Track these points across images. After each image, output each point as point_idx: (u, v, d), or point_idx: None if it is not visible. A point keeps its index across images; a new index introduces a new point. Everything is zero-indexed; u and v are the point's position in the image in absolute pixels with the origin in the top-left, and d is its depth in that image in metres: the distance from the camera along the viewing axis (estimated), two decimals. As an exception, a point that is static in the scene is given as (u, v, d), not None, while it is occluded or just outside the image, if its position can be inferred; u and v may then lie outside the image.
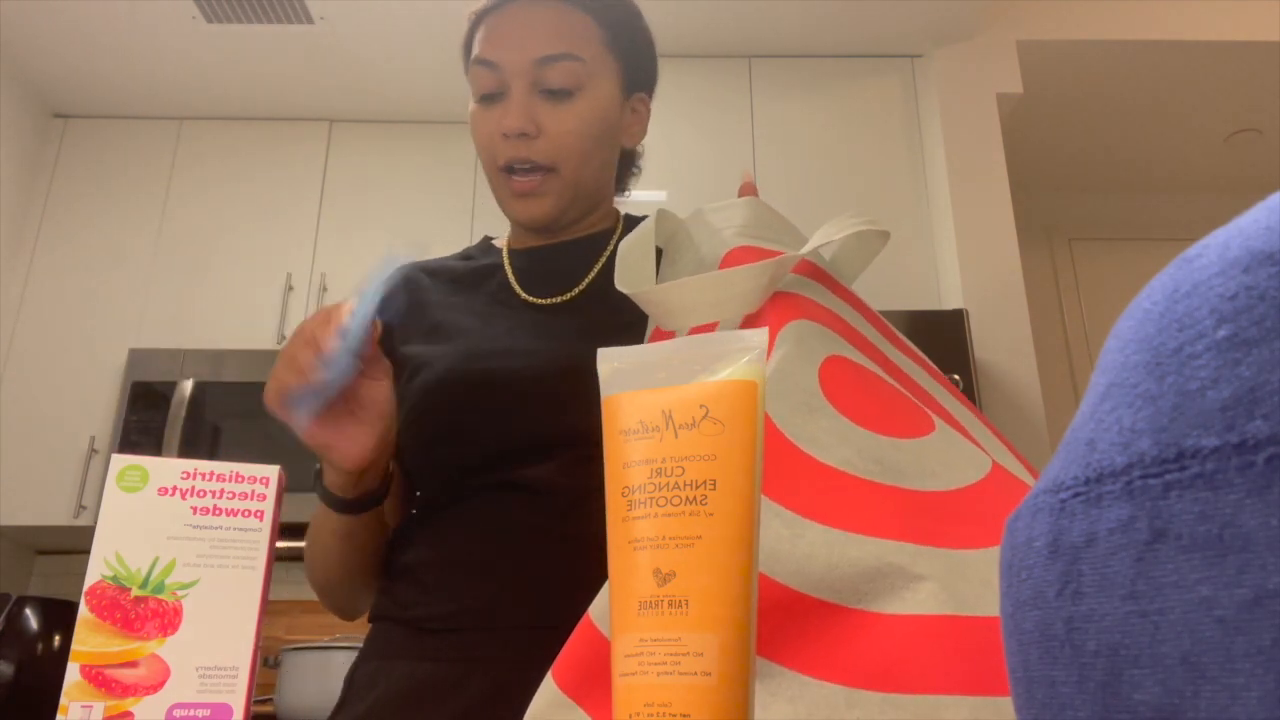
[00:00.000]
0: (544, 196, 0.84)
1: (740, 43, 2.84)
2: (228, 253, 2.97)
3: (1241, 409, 0.16)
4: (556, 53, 0.83)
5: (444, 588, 0.75)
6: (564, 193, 0.85)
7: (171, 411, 2.68)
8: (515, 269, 0.89)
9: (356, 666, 0.79)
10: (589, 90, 0.85)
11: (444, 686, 0.71)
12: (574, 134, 0.84)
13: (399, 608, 0.77)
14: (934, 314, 2.40)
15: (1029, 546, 0.20)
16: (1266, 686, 0.15)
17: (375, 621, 0.81)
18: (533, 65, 0.83)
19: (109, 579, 0.44)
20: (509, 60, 0.83)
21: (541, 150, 0.83)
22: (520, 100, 0.83)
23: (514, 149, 0.83)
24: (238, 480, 0.48)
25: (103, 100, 3.08)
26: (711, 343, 0.37)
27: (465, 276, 0.91)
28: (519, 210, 0.85)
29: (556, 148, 0.83)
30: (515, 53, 0.83)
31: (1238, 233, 0.19)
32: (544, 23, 0.84)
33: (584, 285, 0.86)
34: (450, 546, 0.77)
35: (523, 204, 0.85)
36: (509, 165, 0.83)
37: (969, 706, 0.38)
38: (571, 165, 0.84)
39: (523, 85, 0.83)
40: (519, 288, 0.87)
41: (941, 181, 2.69)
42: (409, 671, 0.73)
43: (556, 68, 0.83)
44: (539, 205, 0.85)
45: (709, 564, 0.34)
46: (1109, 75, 2.98)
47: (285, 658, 2.15)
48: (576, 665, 0.46)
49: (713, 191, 2.72)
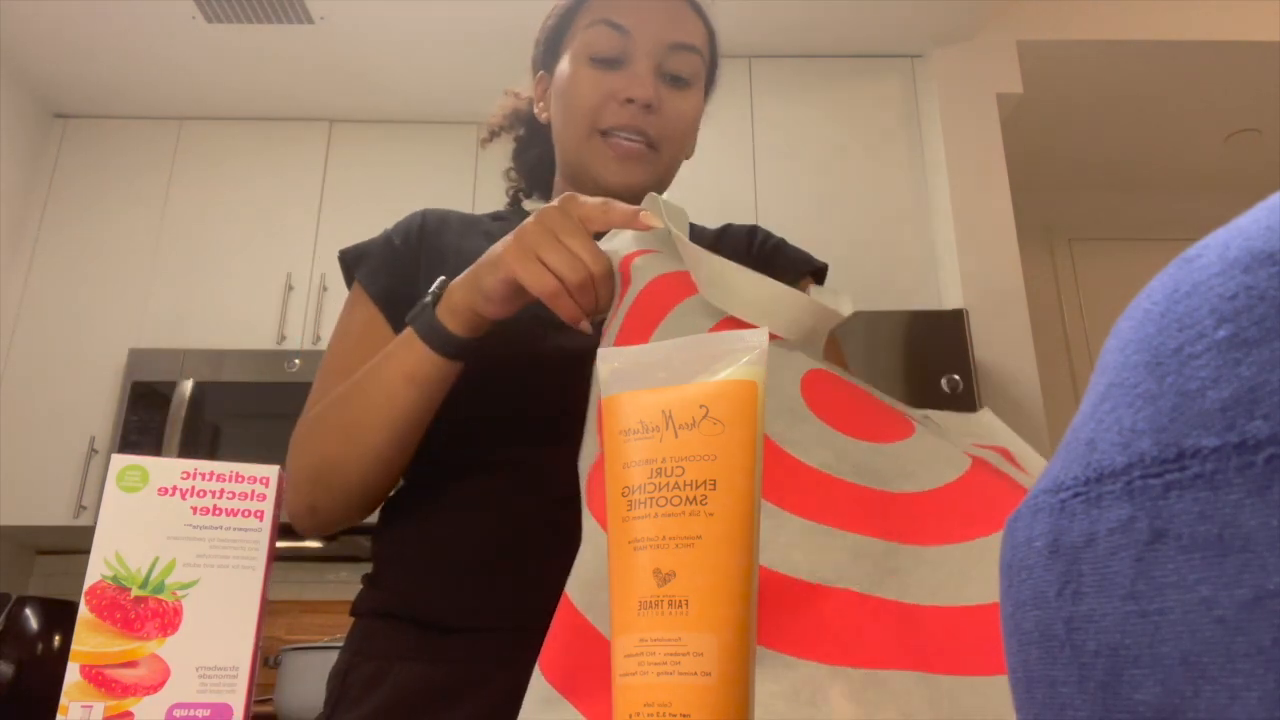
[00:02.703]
0: (646, 165, 0.84)
1: (740, 43, 2.84)
2: (228, 253, 2.97)
3: (1241, 409, 0.16)
4: (689, 42, 0.85)
5: (451, 583, 0.72)
6: (657, 171, 0.86)
7: (171, 411, 2.68)
8: None
9: (350, 665, 0.75)
10: (696, 89, 0.88)
11: (461, 690, 0.69)
12: (686, 120, 0.86)
13: (398, 603, 0.74)
14: (934, 314, 2.40)
15: (1029, 546, 0.20)
16: (1266, 686, 0.15)
17: (368, 618, 0.77)
18: (666, 47, 0.84)
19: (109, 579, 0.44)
20: (645, 33, 0.83)
21: (656, 126, 0.84)
22: (650, 74, 0.83)
23: (630, 116, 0.83)
24: (238, 480, 0.48)
25: (103, 100, 3.08)
26: (711, 343, 0.37)
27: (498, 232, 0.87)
28: (617, 172, 0.84)
29: (671, 129, 0.85)
30: (652, 29, 0.84)
31: (1238, 233, 0.19)
32: (681, 11, 0.86)
33: None
34: (454, 537, 0.73)
35: (624, 167, 0.84)
36: (615, 129, 0.83)
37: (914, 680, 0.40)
38: (672, 149, 0.86)
39: (650, 62, 0.84)
40: None
41: (941, 182, 2.69)
42: (419, 674, 0.70)
43: (684, 57, 0.85)
44: (640, 172, 0.84)
45: (709, 564, 0.34)
46: (1109, 75, 2.98)
47: (285, 658, 2.15)
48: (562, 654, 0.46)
49: (713, 191, 2.73)
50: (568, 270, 0.61)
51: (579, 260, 0.61)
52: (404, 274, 0.85)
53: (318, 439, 0.74)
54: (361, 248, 0.90)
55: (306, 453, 0.75)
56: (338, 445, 0.72)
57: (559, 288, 0.61)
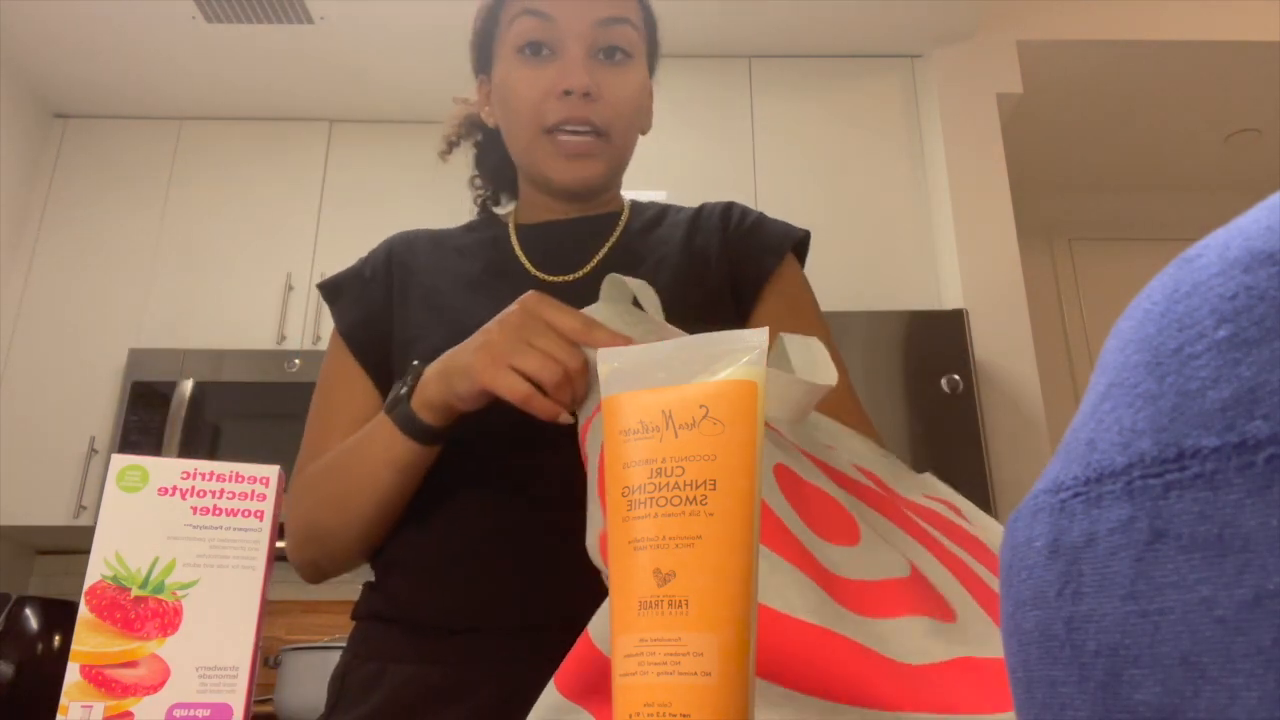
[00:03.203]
0: (595, 159, 0.82)
1: (740, 43, 2.84)
2: (228, 253, 2.97)
3: (1241, 409, 0.16)
4: (617, 14, 0.82)
5: (448, 587, 0.72)
6: (609, 160, 0.83)
7: (171, 411, 2.68)
8: (523, 243, 0.87)
9: (349, 667, 0.76)
10: (637, 61, 0.84)
11: (455, 690, 0.69)
12: (630, 101, 0.83)
13: (397, 607, 0.74)
14: (934, 314, 2.40)
15: (1029, 546, 0.20)
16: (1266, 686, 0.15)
17: (366, 620, 0.77)
18: (593, 25, 0.80)
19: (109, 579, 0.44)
20: (570, 16, 0.80)
21: (600, 113, 0.81)
22: (582, 60, 0.80)
23: (572, 108, 0.80)
24: (238, 480, 0.48)
25: (103, 100, 3.08)
26: (711, 343, 0.37)
27: (471, 248, 0.89)
28: (567, 171, 0.82)
29: (615, 113, 0.82)
30: (576, 9, 0.80)
31: (1238, 233, 0.19)
32: None
33: (593, 265, 0.84)
34: (452, 542, 0.74)
35: (573, 165, 0.82)
36: (560, 125, 0.80)
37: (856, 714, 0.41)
38: (621, 133, 0.83)
39: (581, 45, 0.81)
40: (528, 262, 0.85)
41: (941, 181, 2.69)
42: (415, 675, 0.70)
43: (615, 31, 0.81)
44: (591, 167, 0.82)
45: (709, 564, 0.34)
46: (1109, 75, 2.98)
47: (285, 658, 2.15)
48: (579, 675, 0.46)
49: (713, 191, 2.73)
50: (544, 374, 0.60)
51: (552, 361, 0.60)
52: (374, 308, 0.85)
53: (311, 506, 0.76)
54: (336, 281, 0.90)
55: (302, 515, 0.77)
56: (329, 515, 0.75)
57: (532, 393, 0.61)
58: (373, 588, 0.78)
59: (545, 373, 0.60)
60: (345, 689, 0.74)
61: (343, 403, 0.83)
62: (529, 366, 0.61)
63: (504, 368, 0.62)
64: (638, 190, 1.00)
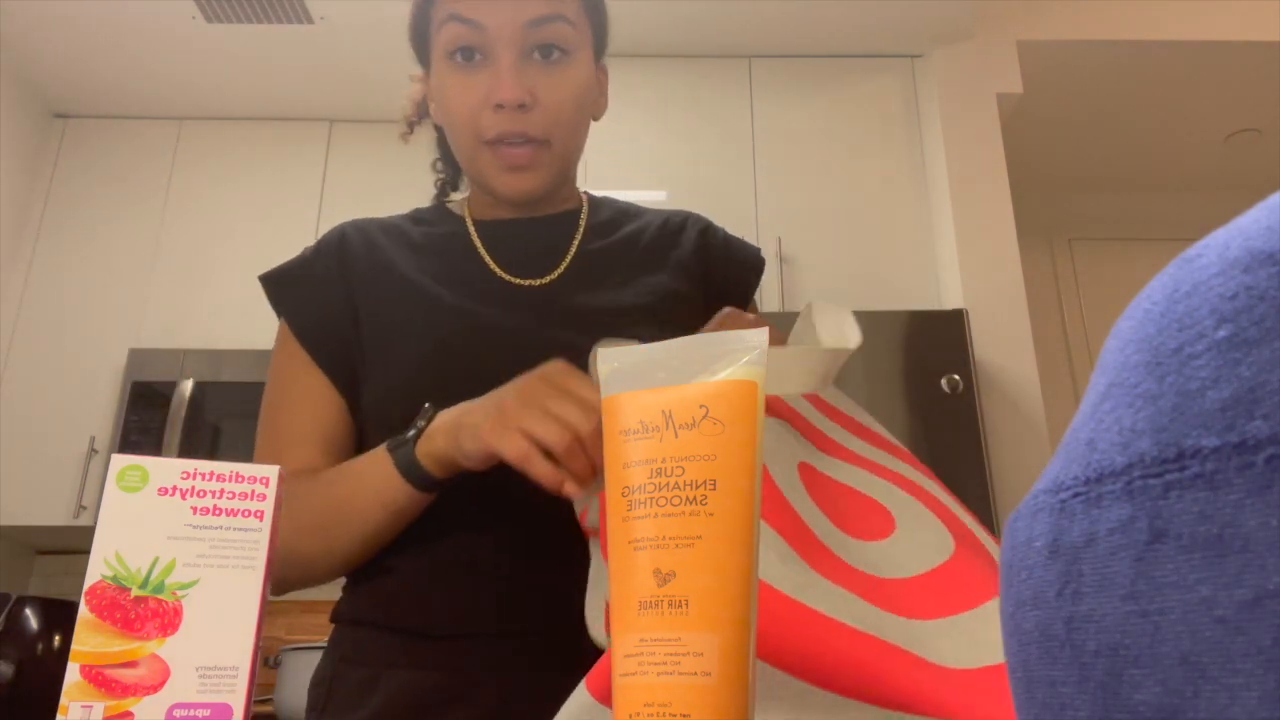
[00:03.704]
0: (537, 170, 0.79)
1: (740, 43, 2.84)
2: (228, 253, 2.97)
3: (1241, 409, 0.16)
4: (548, 13, 0.77)
5: (441, 592, 0.71)
6: (554, 165, 0.80)
7: (171, 411, 2.68)
8: (484, 241, 0.85)
9: (336, 673, 0.73)
10: (576, 56, 0.80)
11: (454, 695, 0.68)
12: (569, 102, 0.79)
13: (387, 612, 0.73)
14: (934, 314, 2.40)
15: (1029, 546, 0.20)
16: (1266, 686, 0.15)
17: (351, 625, 0.75)
18: (523, 28, 0.76)
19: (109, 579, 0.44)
20: (497, 21, 0.76)
21: (537, 123, 0.77)
22: (513, 67, 0.76)
23: (508, 122, 0.77)
24: (238, 480, 0.48)
25: (103, 100, 3.08)
26: (711, 343, 0.37)
27: (428, 243, 0.85)
28: (509, 184, 0.79)
29: (552, 120, 0.78)
30: (504, 13, 0.76)
31: (1238, 233, 0.19)
32: None
33: (564, 269, 0.83)
34: (443, 547, 0.72)
35: (514, 178, 0.79)
36: (498, 140, 0.77)
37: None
38: (563, 137, 0.80)
39: (513, 51, 0.77)
40: (493, 262, 0.83)
41: (941, 181, 2.69)
42: (410, 681, 0.69)
43: (548, 30, 0.77)
44: (532, 179, 0.79)
45: (709, 564, 0.34)
46: (1109, 75, 2.98)
47: (285, 658, 2.15)
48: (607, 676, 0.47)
49: (713, 191, 2.73)
50: (550, 438, 0.59)
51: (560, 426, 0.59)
52: (332, 304, 0.82)
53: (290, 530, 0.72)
54: (281, 272, 0.86)
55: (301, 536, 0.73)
56: (310, 542, 0.72)
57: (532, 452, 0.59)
58: (357, 592, 0.76)
59: (552, 437, 0.58)
60: (333, 694, 0.73)
61: (301, 405, 0.80)
62: (537, 430, 0.59)
63: (512, 430, 0.60)
64: (638, 190, 1.00)
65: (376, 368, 0.78)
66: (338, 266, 0.84)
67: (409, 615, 0.72)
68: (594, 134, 0.88)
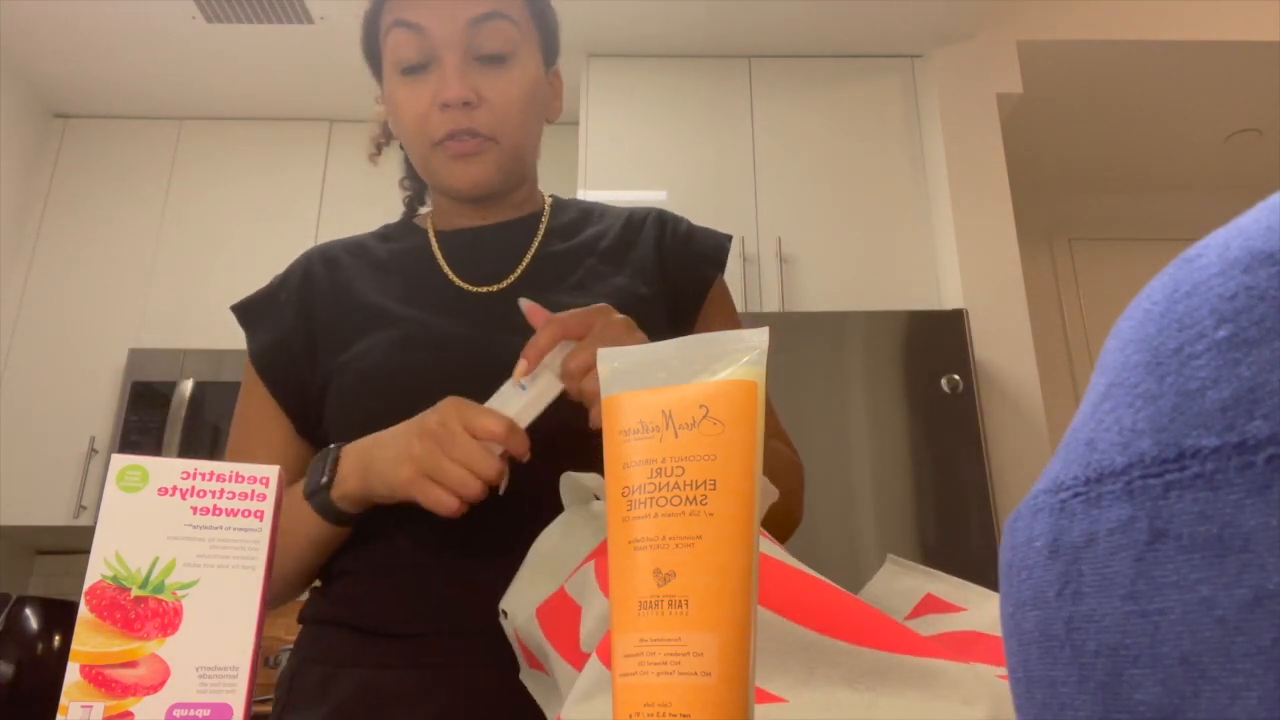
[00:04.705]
0: (484, 159, 0.80)
1: (740, 43, 2.84)
2: (228, 253, 2.97)
3: (1241, 409, 0.16)
4: (490, 11, 0.78)
5: (396, 592, 0.72)
6: (503, 161, 0.81)
7: (171, 411, 2.68)
8: (445, 251, 0.85)
9: (296, 670, 0.75)
10: (521, 55, 0.81)
11: (408, 694, 0.69)
12: (516, 101, 0.80)
13: (344, 611, 0.74)
14: (934, 314, 2.40)
15: (1029, 546, 0.20)
16: (1266, 686, 0.15)
17: (313, 624, 0.77)
18: (465, 28, 0.78)
19: (109, 579, 0.44)
20: (439, 24, 0.78)
21: (483, 120, 0.79)
22: (457, 68, 0.78)
23: (454, 120, 0.78)
24: (238, 480, 0.48)
25: (103, 100, 3.08)
26: (711, 343, 0.37)
27: (391, 259, 0.87)
28: (457, 174, 0.80)
29: (499, 117, 0.79)
30: (445, 16, 0.77)
31: (1238, 233, 0.19)
32: None
33: (519, 273, 0.83)
34: (396, 546, 0.73)
35: (462, 167, 0.80)
36: (446, 138, 0.79)
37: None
38: (512, 135, 0.81)
39: (456, 52, 0.78)
40: (451, 272, 0.84)
41: (941, 181, 2.69)
42: (366, 680, 0.70)
43: (490, 29, 0.78)
44: (480, 168, 0.80)
45: (709, 564, 0.34)
46: (1109, 75, 2.98)
47: (285, 658, 2.15)
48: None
49: (713, 191, 2.73)
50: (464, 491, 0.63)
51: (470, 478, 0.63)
52: (286, 332, 0.84)
53: None
54: (249, 302, 0.89)
55: None
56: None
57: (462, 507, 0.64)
58: (320, 592, 0.78)
59: (465, 490, 0.63)
60: (294, 690, 0.74)
61: (255, 432, 0.82)
62: (451, 481, 0.63)
63: (427, 482, 0.64)
64: (638, 190, 0.99)
65: (332, 383, 0.79)
66: (298, 293, 0.86)
67: (365, 615, 0.73)
68: (594, 134, 0.88)
